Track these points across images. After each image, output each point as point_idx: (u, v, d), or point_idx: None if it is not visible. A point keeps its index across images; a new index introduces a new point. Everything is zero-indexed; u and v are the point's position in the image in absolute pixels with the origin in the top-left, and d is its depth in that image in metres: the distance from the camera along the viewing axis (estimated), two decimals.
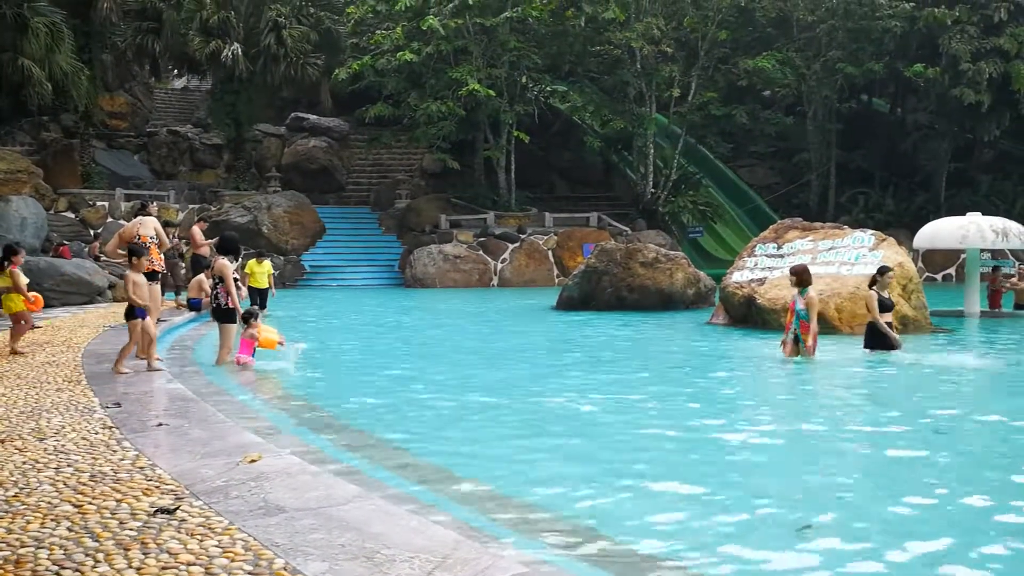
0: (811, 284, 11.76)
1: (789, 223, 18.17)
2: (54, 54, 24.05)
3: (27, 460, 5.35)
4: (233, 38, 32.69)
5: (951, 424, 7.84)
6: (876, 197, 36.36)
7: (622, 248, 20.71)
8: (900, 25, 32.71)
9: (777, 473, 6.06)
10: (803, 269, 11.97)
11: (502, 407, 8.42)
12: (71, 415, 6.78)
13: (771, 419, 7.98)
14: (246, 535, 3.94)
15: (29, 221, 24.45)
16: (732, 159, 39.64)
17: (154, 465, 5.25)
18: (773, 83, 35.60)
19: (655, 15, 32.34)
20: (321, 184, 37.42)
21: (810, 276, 11.92)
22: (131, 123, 38.67)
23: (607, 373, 10.88)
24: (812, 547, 4.52)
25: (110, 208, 29.49)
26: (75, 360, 9.99)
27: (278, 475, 4.99)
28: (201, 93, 43.59)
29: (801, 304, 11.46)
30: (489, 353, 13.18)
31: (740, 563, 4.32)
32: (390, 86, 32.22)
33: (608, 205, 35.98)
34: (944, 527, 4.87)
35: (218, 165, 37.45)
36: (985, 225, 18.24)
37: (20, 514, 4.26)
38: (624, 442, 6.94)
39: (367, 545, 3.80)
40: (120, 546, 3.79)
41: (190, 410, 7.10)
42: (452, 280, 29.72)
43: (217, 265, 10.67)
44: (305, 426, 7.49)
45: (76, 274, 18.80)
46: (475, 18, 30.63)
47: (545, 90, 35.59)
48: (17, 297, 10.77)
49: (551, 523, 4.87)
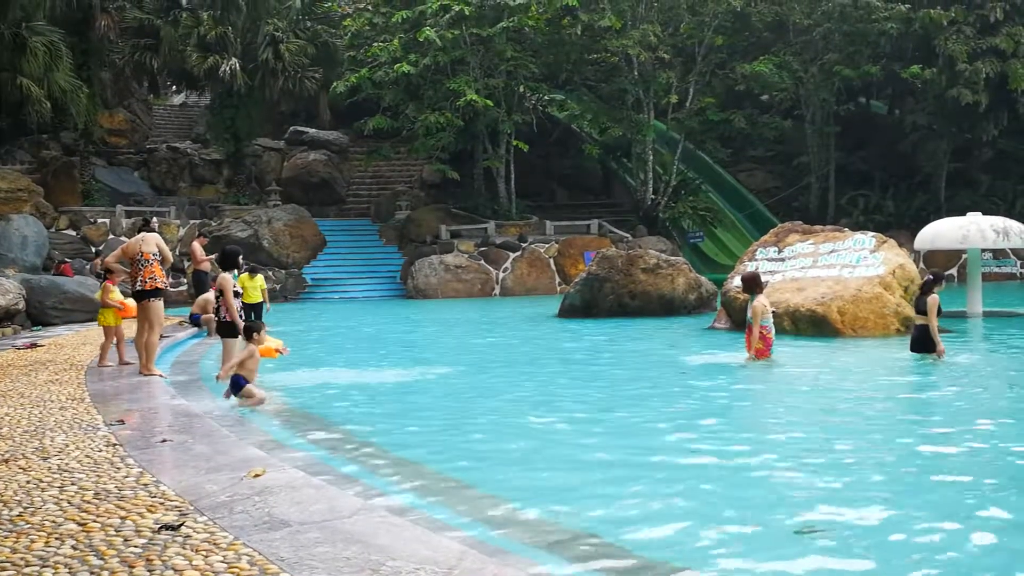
0: (761, 291, 11.84)
1: (789, 226, 18.18)
2: (53, 73, 24.12)
3: (31, 479, 5.35)
4: (231, 53, 32.77)
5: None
6: (876, 199, 36.36)
7: (623, 255, 20.70)
8: (896, 27, 32.76)
9: (782, 476, 6.05)
10: (749, 277, 12.15)
11: (508, 418, 8.41)
12: (75, 433, 6.78)
13: (782, 423, 7.97)
14: (251, 550, 3.94)
15: (30, 239, 24.49)
16: (731, 164, 39.66)
17: (158, 482, 5.25)
18: (771, 87, 35.64)
19: (651, 22, 32.40)
20: (321, 197, 37.46)
21: (758, 284, 12.05)
22: (131, 140, 38.74)
23: (618, 380, 10.87)
24: (813, 549, 4.51)
25: (111, 225, 29.53)
26: (78, 378, 9.99)
27: (282, 489, 4.98)
28: (200, 109, 43.69)
29: (749, 312, 11.58)
30: (492, 360, 13.18)
31: (742, 567, 4.31)
32: (388, 98, 32.27)
33: (608, 212, 35.98)
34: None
35: (218, 180, 37.51)
36: (986, 225, 18.24)
37: (25, 533, 4.26)
38: (629, 449, 6.93)
39: (372, 557, 3.79)
40: (125, 563, 3.79)
41: (193, 426, 7.10)
42: (454, 290, 29.71)
43: (218, 279, 10.72)
44: (308, 439, 7.49)
45: (78, 292, 18.82)
46: (471, 29, 30.71)
47: (543, 99, 35.63)
48: (109, 312, 10.97)
49: (557, 534, 4.86)
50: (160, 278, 10.40)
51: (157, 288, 10.36)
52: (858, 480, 5.92)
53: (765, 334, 11.53)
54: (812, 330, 14.83)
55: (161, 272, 10.45)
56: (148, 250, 10.34)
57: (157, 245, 10.44)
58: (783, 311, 15.31)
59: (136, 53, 33.89)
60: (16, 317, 16.79)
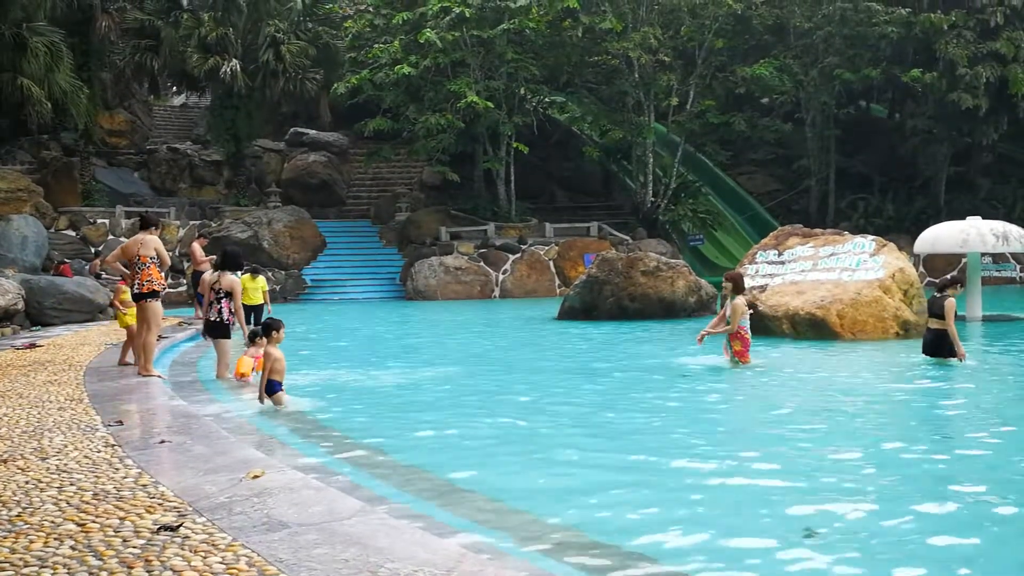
0: (743, 291, 11.85)
1: (789, 230, 18.19)
2: (53, 73, 24.12)
3: (30, 480, 5.34)
4: (231, 54, 32.79)
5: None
6: (876, 202, 36.39)
7: (623, 257, 20.71)
8: (897, 31, 32.81)
9: (782, 479, 6.04)
10: (734, 275, 12.23)
11: (506, 421, 8.40)
12: (73, 434, 6.77)
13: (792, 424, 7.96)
14: (250, 551, 3.93)
15: (30, 240, 24.50)
16: (731, 167, 39.69)
17: (157, 482, 5.24)
18: (771, 90, 35.68)
19: (652, 25, 32.44)
20: (321, 198, 37.48)
21: (742, 283, 12.07)
22: (131, 140, 38.77)
23: (617, 383, 10.86)
24: (816, 551, 4.51)
25: (111, 226, 29.55)
26: (77, 378, 9.99)
27: (281, 490, 4.98)
28: (200, 110, 43.72)
29: (729, 311, 11.58)
30: (491, 363, 13.17)
31: (742, 569, 4.31)
32: (389, 100, 32.30)
33: (608, 214, 36.01)
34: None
35: (218, 181, 37.53)
36: (985, 229, 18.25)
37: (24, 534, 4.25)
38: (628, 452, 6.93)
39: (371, 559, 3.79)
40: (124, 564, 3.78)
41: (192, 427, 7.09)
42: (453, 292, 29.72)
43: (226, 281, 10.69)
44: (308, 441, 7.48)
45: (77, 292, 18.82)
46: (472, 30, 30.73)
47: (543, 101, 35.67)
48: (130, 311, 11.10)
49: (556, 537, 4.86)
50: (158, 280, 10.40)
51: (154, 290, 10.36)
52: (858, 483, 5.91)
53: (743, 334, 11.55)
54: (811, 333, 14.84)
55: (159, 274, 10.44)
56: (145, 253, 10.34)
57: (155, 248, 10.44)
58: (782, 314, 15.32)
59: (137, 54, 33.90)
60: (15, 317, 16.79)
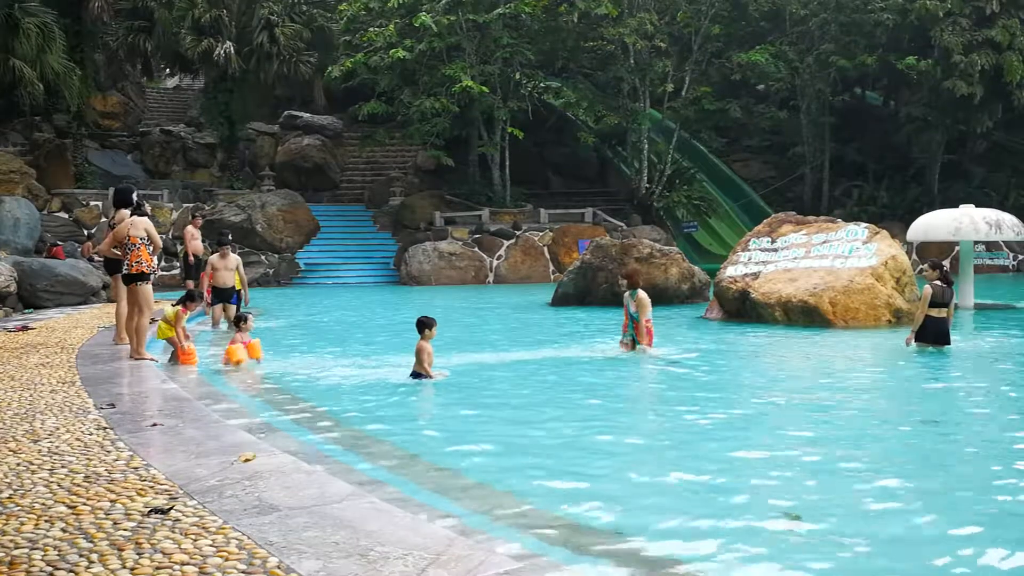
0: (640, 286, 11.90)
1: (783, 217, 18.21)
2: (46, 54, 24.01)
3: (21, 462, 5.34)
4: (225, 36, 32.62)
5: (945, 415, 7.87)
6: (870, 190, 36.43)
7: (617, 244, 20.72)
8: (892, 18, 32.77)
9: (774, 465, 6.08)
10: (632, 272, 12.30)
11: (497, 407, 8.43)
12: (65, 416, 6.77)
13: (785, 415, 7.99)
14: (240, 534, 3.95)
15: (22, 222, 24.43)
16: (726, 153, 39.67)
17: (148, 465, 5.25)
18: (766, 77, 35.65)
19: (648, 10, 32.34)
20: (315, 182, 37.37)
21: (639, 278, 12.14)
22: (124, 123, 38.57)
23: (608, 369, 10.89)
24: (802, 535, 4.54)
25: (103, 208, 29.41)
26: (69, 361, 9.98)
27: (272, 474, 4.99)
28: (194, 92, 43.47)
29: (633, 307, 11.62)
30: (484, 348, 13.19)
31: (730, 551, 4.34)
32: (383, 83, 32.18)
33: (603, 200, 35.99)
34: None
35: (211, 164, 37.37)
36: (978, 217, 18.30)
37: (14, 515, 4.26)
38: (618, 437, 6.96)
39: (361, 543, 3.80)
40: (114, 546, 3.79)
41: (184, 410, 7.10)
42: (447, 277, 29.71)
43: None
44: (299, 425, 7.49)
45: (70, 275, 18.76)
46: (468, 14, 30.61)
47: (539, 86, 35.57)
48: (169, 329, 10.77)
49: (546, 521, 4.89)
50: (147, 262, 10.38)
51: (143, 272, 10.35)
52: (848, 469, 5.94)
53: (650, 327, 11.68)
54: (803, 320, 14.89)
55: (148, 256, 10.42)
56: (136, 234, 10.32)
57: (146, 229, 10.42)
58: (775, 301, 15.36)
59: (130, 35, 33.69)
60: (8, 300, 16.75)
